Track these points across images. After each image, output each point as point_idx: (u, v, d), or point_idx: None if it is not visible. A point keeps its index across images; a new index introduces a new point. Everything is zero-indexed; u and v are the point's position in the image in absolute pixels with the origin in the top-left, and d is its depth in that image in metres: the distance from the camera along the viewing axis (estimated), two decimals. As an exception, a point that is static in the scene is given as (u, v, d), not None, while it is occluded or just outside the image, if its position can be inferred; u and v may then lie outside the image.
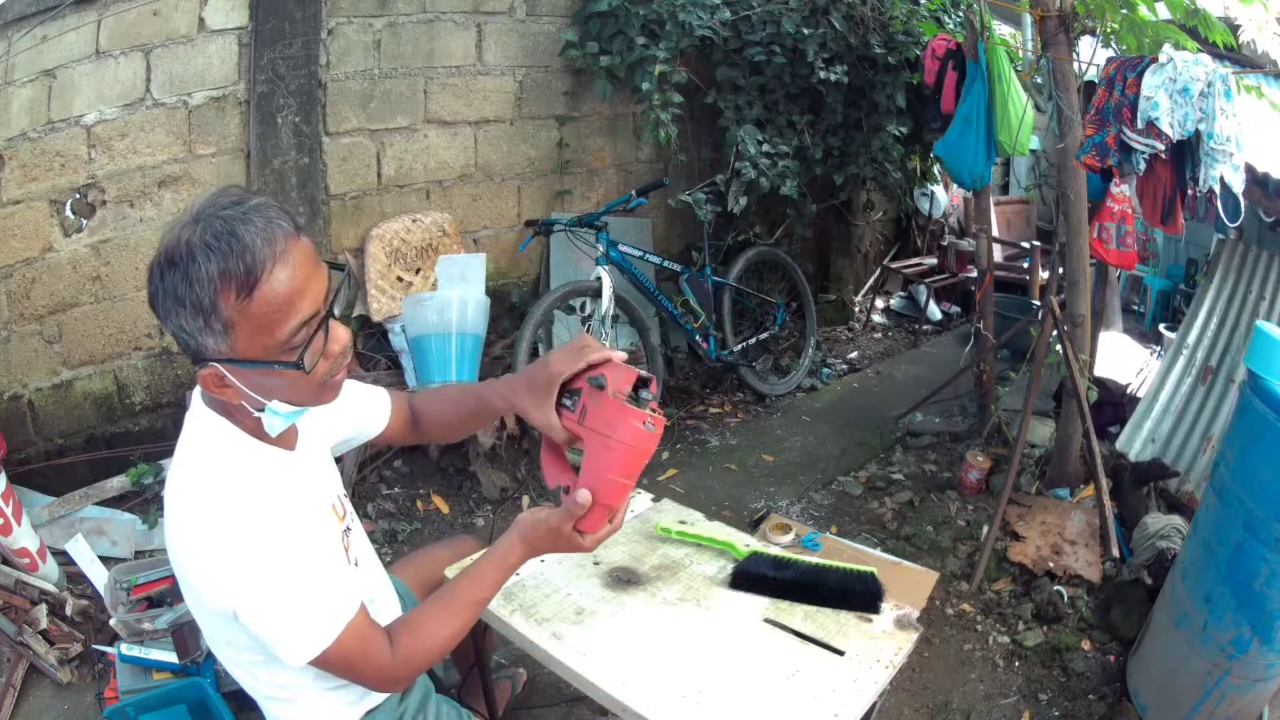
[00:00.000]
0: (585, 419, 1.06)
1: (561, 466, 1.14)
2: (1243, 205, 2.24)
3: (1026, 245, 5.01)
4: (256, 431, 1.05)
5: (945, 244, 5.56)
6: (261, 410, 1.00)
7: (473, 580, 1.13)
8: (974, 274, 3.83)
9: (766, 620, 1.41)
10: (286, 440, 1.11)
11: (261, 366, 0.95)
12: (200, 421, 1.06)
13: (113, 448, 2.84)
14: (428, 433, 1.44)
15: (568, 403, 1.10)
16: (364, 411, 1.36)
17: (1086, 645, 2.38)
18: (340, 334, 1.01)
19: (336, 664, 1.05)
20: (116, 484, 2.72)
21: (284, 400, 1.00)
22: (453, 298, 3.14)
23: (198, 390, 1.06)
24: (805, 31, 3.80)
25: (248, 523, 0.98)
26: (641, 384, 1.06)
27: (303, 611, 1.00)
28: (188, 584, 1.03)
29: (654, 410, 1.04)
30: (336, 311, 1.01)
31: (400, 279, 3.34)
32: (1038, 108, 3.35)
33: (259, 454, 1.06)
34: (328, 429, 1.29)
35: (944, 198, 5.65)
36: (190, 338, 0.93)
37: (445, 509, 2.98)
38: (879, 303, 5.51)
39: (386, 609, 1.33)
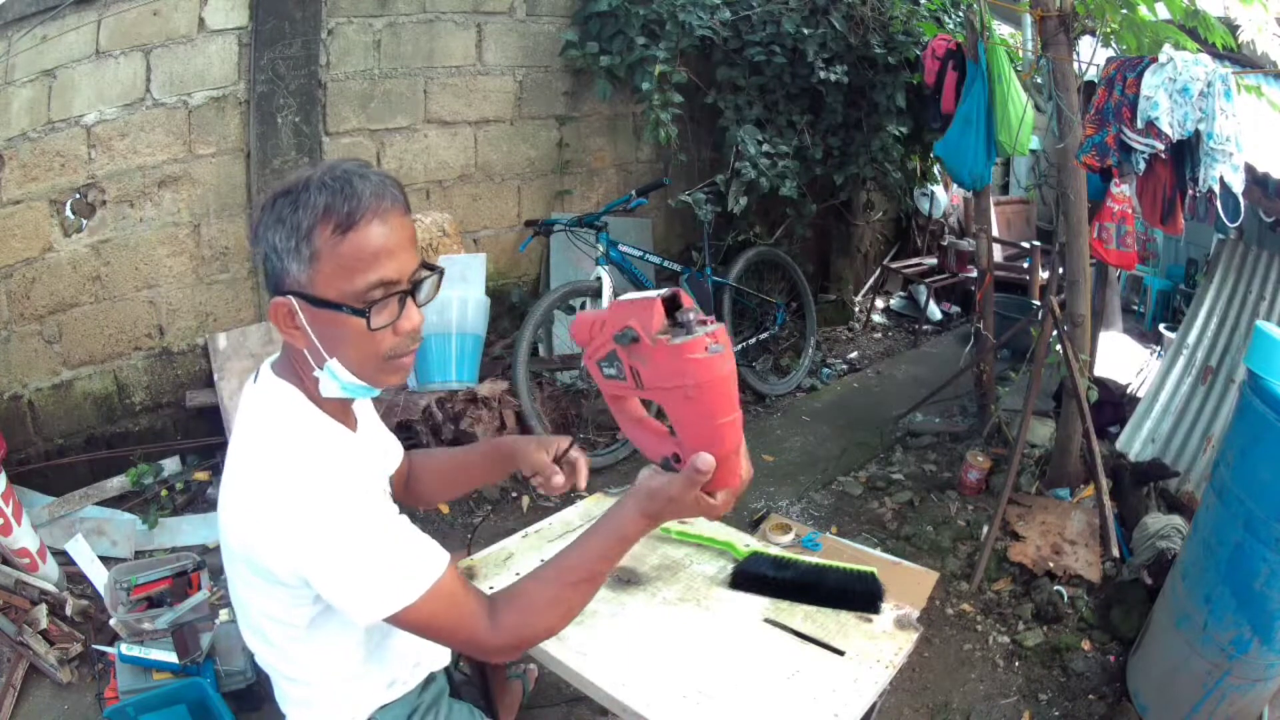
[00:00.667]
0: (643, 381, 0.91)
1: (656, 434, 0.99)
2: (1243, 205, 2.24)
3: (1026, 245, 5.01)
4: (324, 404, 1.07)
5: (945, 244, 5.56)
6: (321, 366, 1.02)
7: (585, 555, 1.05)
8: (974, 274, 3.83)
9: (766, 620, 1.41)
10: (349, 421, 1.12)
11: (331, 308, 0.97)
12: (272, 388, 1.06)
13: (113, 448, 2.84)
14: (416, 490, 1.43)
15: (612, 371, 0.96)
16: (389, 448, 1.36)
17: (1086, 645, 2.38)
18: (414, 315, 1.02)
19: (421, 625, 1.02)
20: (116, 484, 2.72)
21: (345, 363, 1.01)
22: (453, 298, 3.14)
23: (268, 361, 1.09)
24: (805, 31, 3.81)
25: (322, 480, 0.98)
26: (671, 306, 0.90)
27: (381, 566, 0.99)
28: (250, 551, 1.01)
29: (704, 324, 0.87)
30: (419, 297, 1.03)
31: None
32: (1038, 108, 3.35)
33: (328, 425, 1.07)
34: (381, 434, 1.31)
35: (944, 198, 5.65)
36: (278, 258, 0.97)
37: (445, 509, 2.98)
38: (879, 303, 5.51)
39: None
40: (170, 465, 2.88)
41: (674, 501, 0.98)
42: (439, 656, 1.30)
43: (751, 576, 1.50)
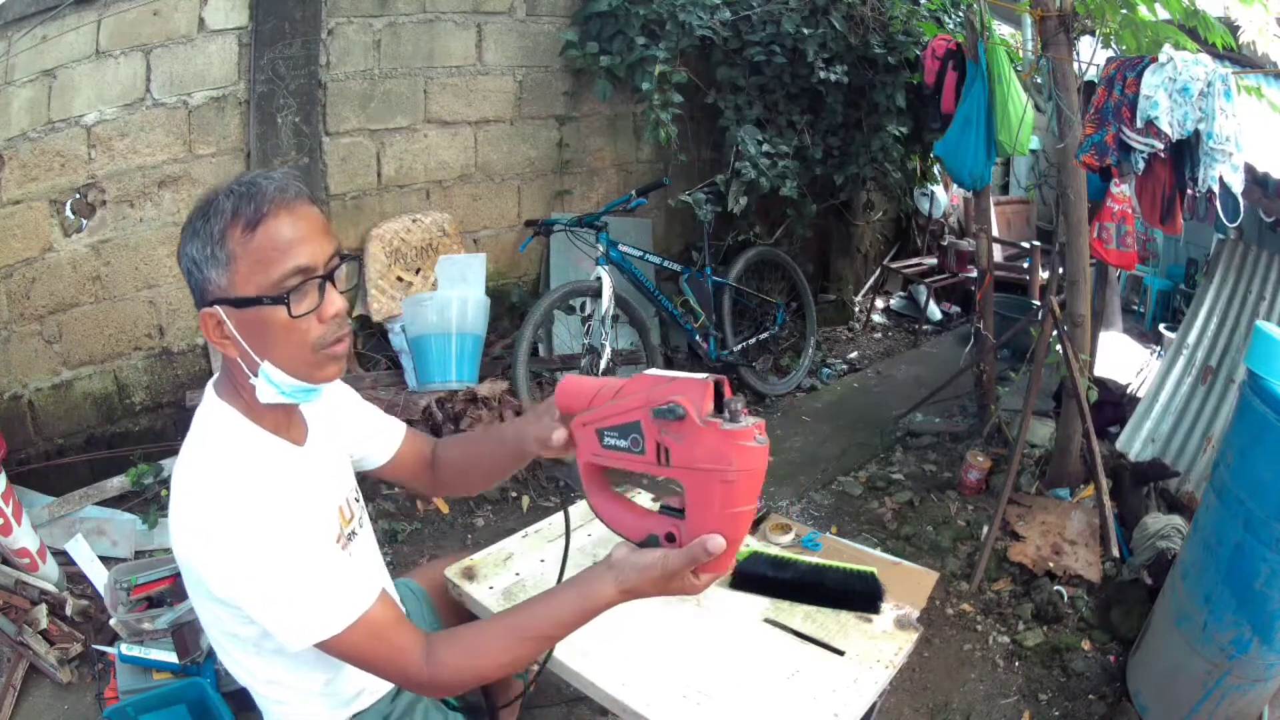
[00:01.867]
0: (671, 459, 0.88)
1: (635, 512, 0.97)
2: (1242, 205, 2.24)
3: (1026, 245, 5.01)
4: (264, 419, 1.08)
5: (945, 244, 5.55)
6: (256, 373, 1.03)
7: (549, 616, 1.02)
8: (974, 274, 3.83)
9: (766, 620, 1.41)
10: (295, 434, 1.13)
11: (252, 305, 0.99)
12: (211, 409, 1.08)
13: (113, 448, 2.84)
14: (442, 481, 1.40)
15: (621, 442, 0.93)
16: (375, 436, 1.36)
17: (1086, 645, 2.38)
18: (336, 299, 1.04)
19: (351, 656, 1.03)
20: (116, 484, 2.72)
21: (278, 363, 1.02)
22: (453, 298, 3.14)
23: (211, 382, 1.11)
24: (805, 31, 3.81)
25: (252, 505, 0.99)
26: (717, 395, 0.88)
27: (306, 596, 1.00)
28: (190, 570, 1.03)
29: (747, 414, 0.87)
30: (337, 282, 1.05)
31: (400, 279, 3.34)
32: (1038, 108, 3.35)
33: (266, 443, 1.08)
34: (344, 435, 1.29)
35: (944, 198, 5.65)
36: (198, 269, 1.00)
37: (445, 509, 2.98)
38: (879, 303, 5.51)
39: None
40: (170, 465, 2.88)
41: (663, 579, 0.94)
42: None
43: (751, 576, 1.50)
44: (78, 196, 2.64)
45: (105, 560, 2.48)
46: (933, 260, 5.55)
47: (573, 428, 1.00)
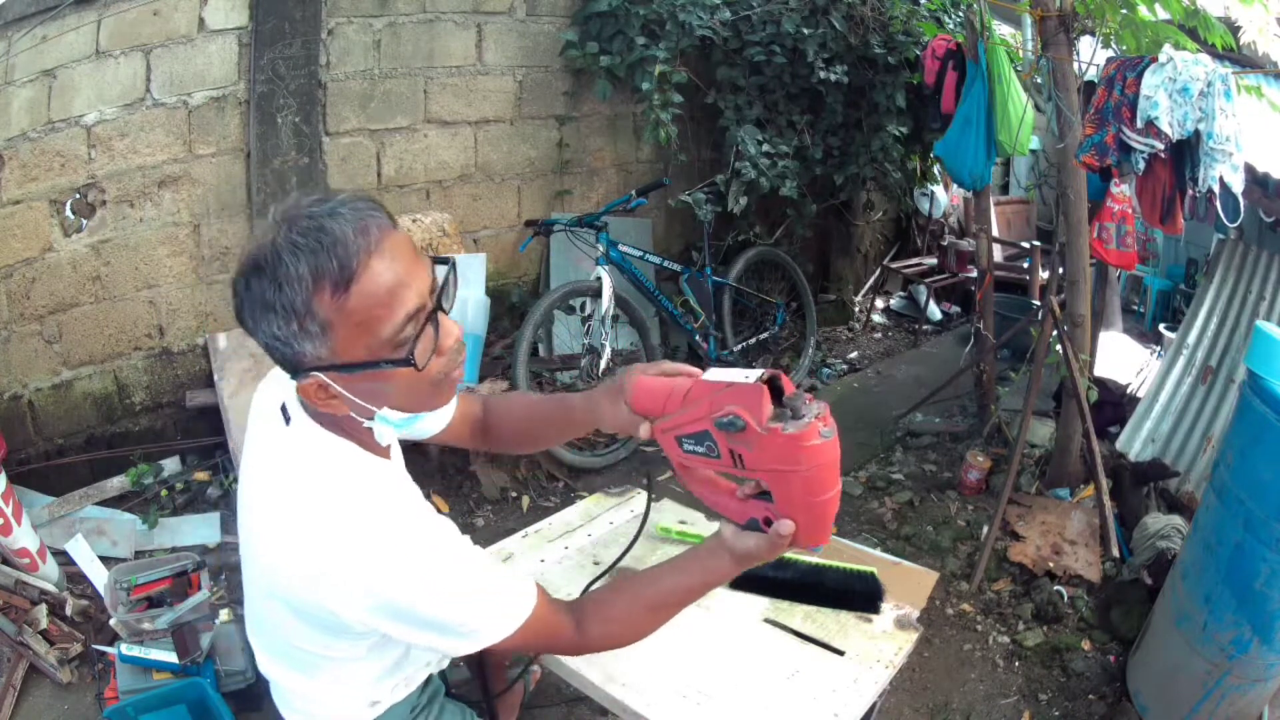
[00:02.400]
0: (745, 463, 0.90)
1: (736, 498, 0.98)
2: (1242, 205, 2.24)
3: (1026, 245, 5.01)
4: (366, 443, 0.99)
5: (945, 244, 5.55)
6: (370, 419, 0.95)
7: (679, 587, 1.06)
8: (974, 274, 3.83)
9: (766, 620, 1.41)
10: (384, 450, 1.04)
11: (368, 369, 0.87)
12: (312, 440, 0.97)
13: (113, 448, 2.84)
14: (497, 438, 1.34)
15: (699, 449, 0.94)
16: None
17: (1086, 645, 2.38)
18: (451, 328, 0.94)
19: (514, 647, 1.03)
20: (116, 484, 2.72)
21: (396, 406, 0.94)
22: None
23: (294, 403, 0.98)
24: (805, 31, 3.81)
25: (411, 537, 0.94)
26: (774, 390, 0.88)
27: (493, 593, 0.98)
28: (309, 602, 0.94)
29: (810, 403, 0.86)
30: (445, 306, 0.94)
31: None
32: (1038, 108, 3.35)
33: (372, 463, 0.99)
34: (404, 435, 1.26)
35: (944, 198, 5.65)
36: (285, 346, 0.86)
37: (445, 509, 2.98)
38: (879, 303, 5.51)
39: None
40: (170, 465, 2.88)
41: (763, 558, 0.99)
42: (442, 659, 1.30)
43: (751, 576, 1.49)
44: (78, 196, 2.64)
45: (105, 560, 2.48)
46: (933, 260, 5.55)
47: (655, 433, 1.01)
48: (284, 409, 0.99)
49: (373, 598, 0.91)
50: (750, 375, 0.89)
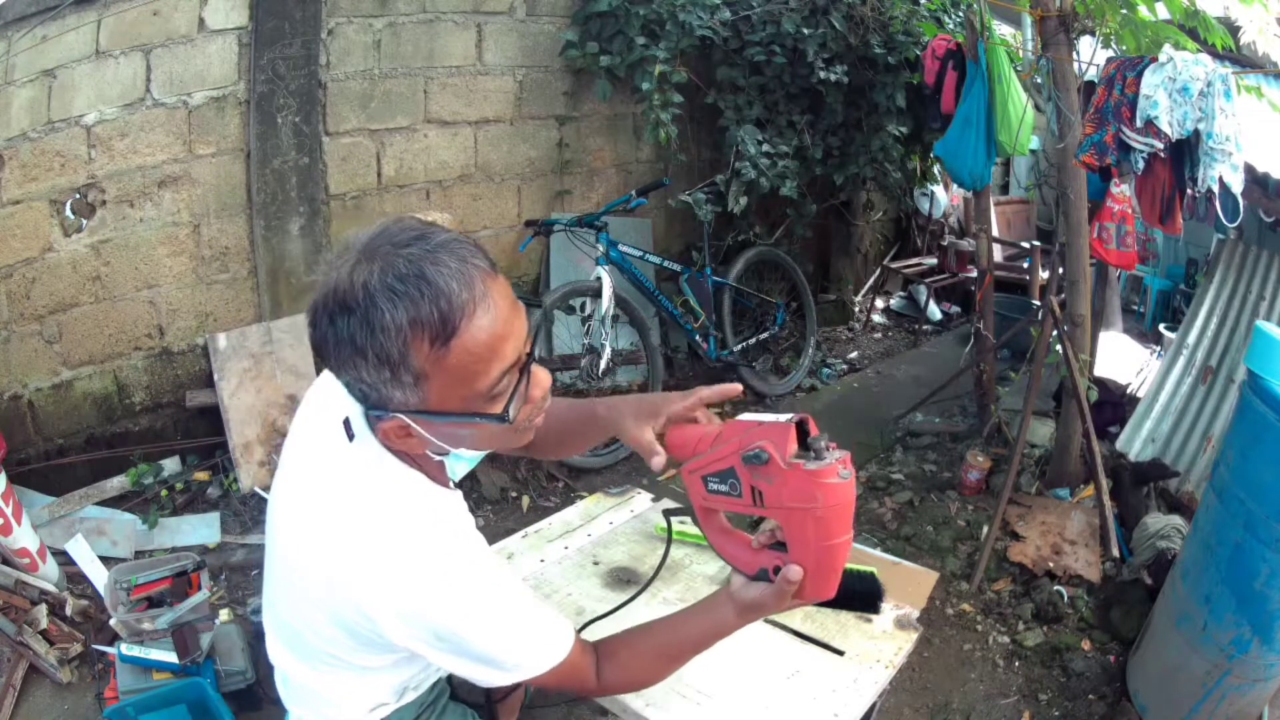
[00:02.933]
0: (764, 500, 0.92)
1: (748, 548, 1.00)
2: (1242, 205, 2.24)
3: (1026, 245, 5.01)
4: (432, 474, 0.99)
5: (945, 244, 5.56)
6: (445, 455, 0.94)
7: (688, 639, 1.08)
8: (974, 274, 3.83)
9: (766, 620, 1.41)
10: (445, 479, 1.04)
11: (460, 419, 0.86)
12: (375, 462, 0.95)
13: (113, 448, 2.84)
14: (539, 447, 1.30)
15: (722, 487, 0.97)
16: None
17: (1086, 645, 2.38)
18: (541, 378, 0.92)
19: (545, 682, 1.03)
20: (116, 484, 2.72)
21: (473, 447, 0.95)
22: (453, 298, 3.14)
23: (360, 420, 0.95)
24: (805, 31, 3.81)
25: (469, 559, 0.95)
26: (801, 432, 0.91)
27: (534, 626, 0.99)
28: (359, 618, 0.92)
29: (833, 449, 0.89)
30: (537, 353, 0.92)
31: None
32: (1038, 108, 3.35)
33: (438, 494, 0.98)
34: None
35: (944, 198, 5.65)
36: (372, 390, 0.84)
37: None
38: (879, 303, 5.51)
39: None
40: (170, 465, 2.88)
41: (768, 609, 1.00)
42: None
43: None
44: (78, 196, 2.64)
45: (105, 560, 2.48)
46: (933, 260, 5.55)
47: (683, 474, 1.02)
48: (347, 424, 0.95)
49: (427, 627, 0.91)
50: (781, 418, 0.92)
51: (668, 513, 1.17)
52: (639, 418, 1.07)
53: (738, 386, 1.02)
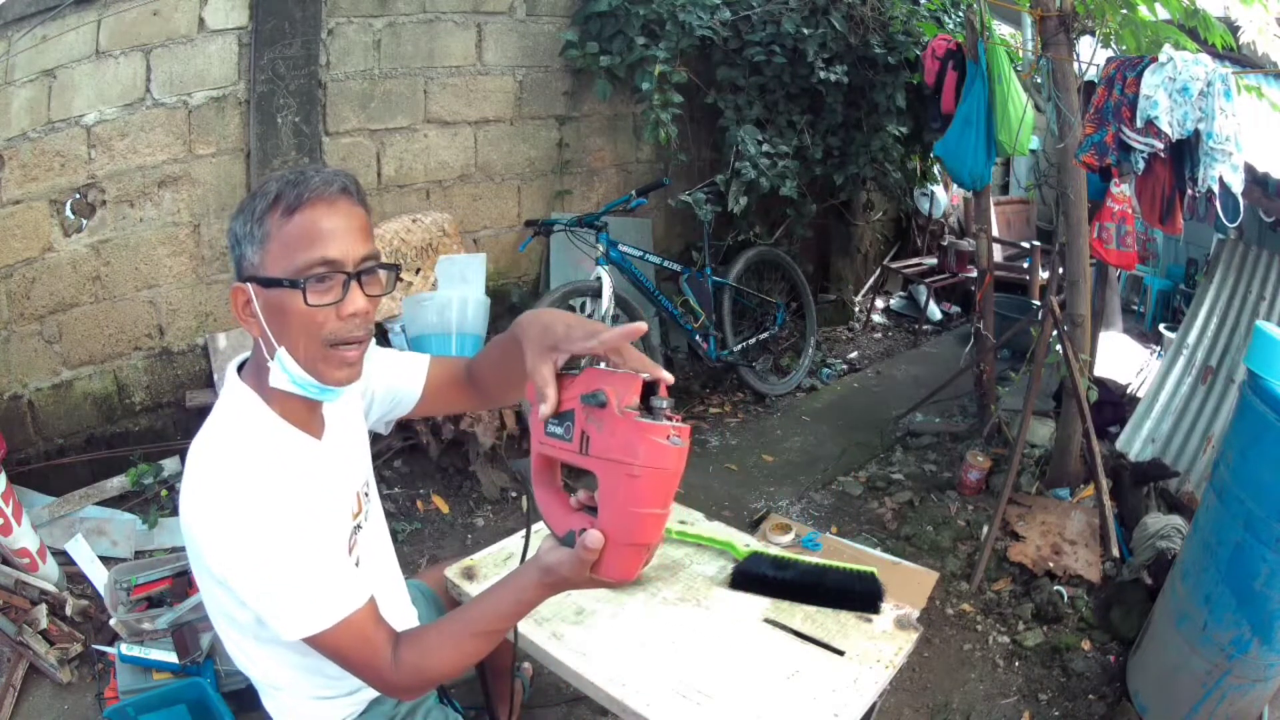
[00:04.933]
0: (590, 448, 0.89)
1: (565, 508, 0.96)
2: (1242, 205, 2.24)
3: (1026, 245, 5.01)
4: (284, 408, 1.09)
5: (945, 244, 5.55)
6: (273, 357, 1.05)
7: (490, 611, 1.06)
8: (974, 274, 3.83)
9: (766, 620, 1.41)
10: (312, 427, 1.14)
11: (275, 286, 1.01)
12: (235, 392, 1.10)
13: (113, 448, 2.84)
14: (483, 386, 1.32)
15: (558, 430, 0.93)
16: (400, 376, 1.32)
17: (1086, 645, 2.38)
18: (357, 299, 1.04)
19: (330, 652, 1.05)
20: (116, 484, 2.72)
21: (293, 355, 1.04)
22: (453, 298, 3.14)
23: (234, 364, 1.14)
24: (805, 31, 3.81)
25: (261, 493, 1.00)
26: (648, 390, 0.87)
27: (299, 590, 1.01)
28: (193, 544, 1.04)
29: (672, 419, 0.85)
30: (370, 290, 1.06)
31: (400, 279, 3.34)
32: (1038, 108, 3.35)
33: (283, 433, 1.09)
34: (364, 408, 1.29)
35: (944, 198, 5.65)
36: (239, 245, 1.04)
37: (445, 509, 2.98)
38: (879, 303, 5.51)
39: (393, 612, 1.33)
40: (170, 465, 2.87)
41: (568, 580, 0.95)
42: None
43: (751, 576, 1.50)
44: (78, 196, 2.64)
45: (105, 560, 2.48)
46: (933, 260, 5.55)
47: (530, 419, 0.98)
48: (225, 374, 1.15)
49: (222, 543, 1.00)
50: (632, 373, 0.88)
51: (529, 511, 1.06)
52: (540, 349, 1.00)
53: (643, 326, 0.96)
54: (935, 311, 5.31)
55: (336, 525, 1.14)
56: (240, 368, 1.13)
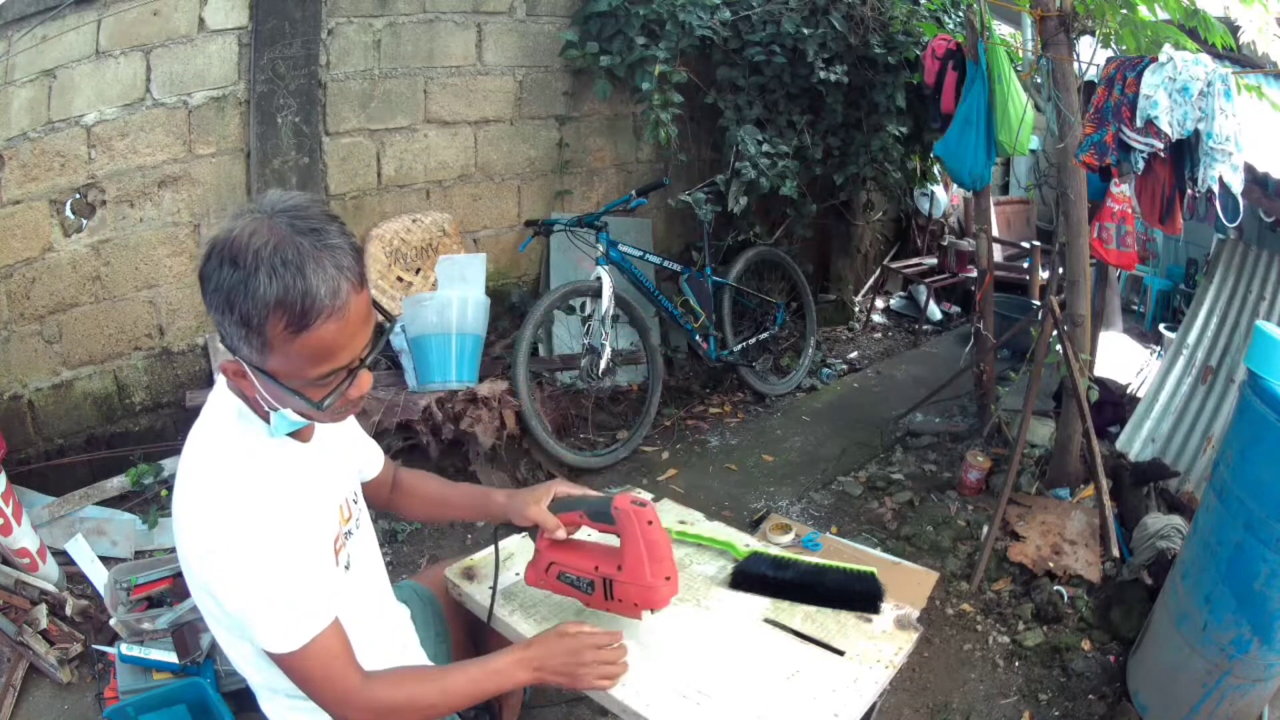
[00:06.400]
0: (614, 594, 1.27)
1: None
2: (1242, 205, 2.24)
3: (1026, 245, 5.01)
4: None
5: (945, 244, 5.56)
6: (273, 410, 1.03)
7: (470, 688, 1.15)
8: (974, 274, 3.83)
9: (766, 620, 1.41)
10: (302, 433, 1.13)
11: (284, 390, 0.98)
12: (223, 398, 1.08)
13: (113, 448, 2.84)
14: (402, 502, 1.48)
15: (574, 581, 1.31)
16: (366, 449, 1.41)
17: (1086, 645, 2.37)
18: (364, 382, 1.04)
19: (299, 676, 1.05)
20: (116, 484, 2.72)
21: (295, 412, 1.03)
22: (453, 298, 3.14)
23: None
24: (805, 31, 3.81)
25: (244, 502, 1.00)
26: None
27: (277, 602, 1.01)
28: (180, 548, 1.04)
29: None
30: (370, 360, 1.04)
31: (400, 279, 3.34)
32: (1038, 108, 3.35)
33: (271, 441, 1.08)
34: (351, 437, 1.32)
35: (944, 198, 5.65)
36: (228, 337, 0.96)
37: (445, 509, 2.98)
38: (879, 303, 5.51)
39: (380, 616, 1.33)
40: (170, 465, 2.87)
41: (547, 656, 1.19)
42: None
43: (751, 576, 1.50)
44: (78, 196, 2.64)
45: (105, 560, 2.48)
46: (933, 260, 5.55)
47: (540, 542, 1.33)
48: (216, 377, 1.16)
49: (200, 548, 1.00)
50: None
51: (496, 531, 1.38)
52: (534, 498, 1.31)
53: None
54: (935, 311, 5.31)
55: (323, 531, 1.14)
56: None
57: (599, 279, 3.25)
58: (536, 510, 1.29)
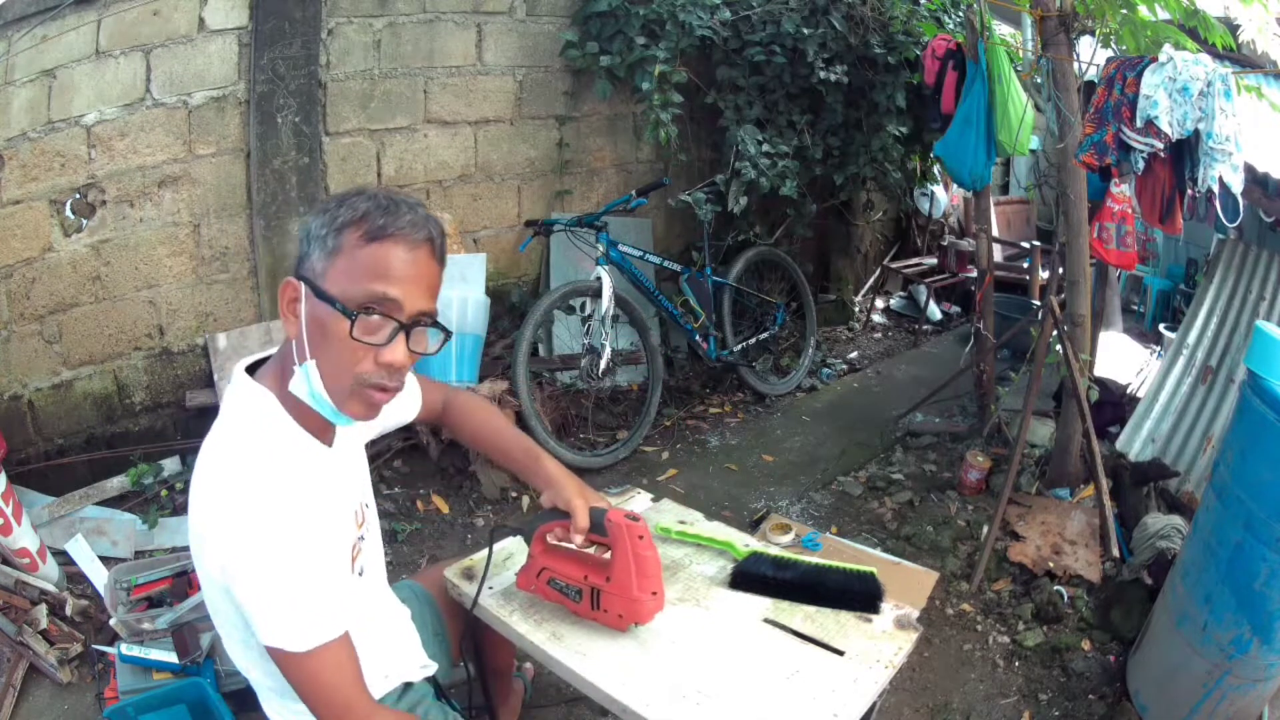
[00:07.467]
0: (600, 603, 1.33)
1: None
2: (1242, 205, 2.24)
3: (1026, 245, 5.01)
4: (299, 412, 1.08)
5: (945, 244, 5.56)
6: (301, 363, 1.03)
7: None
8: (974, 274, 3.83)
9: (766, 620, 1.41)
10: (324, 434, 1.13)
11: (327, 302, 0.99)
12: (248, 391, 1.08)
13: (113, 448, 2.84)
14: (452, 424, 1.50)
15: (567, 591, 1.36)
16: (399, 406, 1.36)
17: (1086, 645, 2.37)
18: (399, 351, 1.02)
19: (303, 681, 1.03)
20: (116, 484, 2.72)
21: (321, 369, 1.02)
22: (453, 298, 3.14)
23: (239, 366, 1.12)
24: (805, 31, 3.81)
25: (269, 496, 0.99)
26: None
27: (295, 599, 1.00)
28: (198, 541, 1.03)
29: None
30: (416, 349, 1.06)
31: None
32: (1038, 108, 3.35)
33: (297, 437, 1.08)
34: (366, 428, 1.30)
35: (944, 198, 5.65)
36: (308, 242, 1.03)
37: (445, 509, 2.98)
38: (879, 303, 5.51)
39: (388, 619, 1.33)
40: (170, 465, 2.88)
41: None
42: (409, 668, 1.32)
43: (751, 576, 1.50)
44: (78, 196, 2.64)
45: (105, 560, 2.48)
46: (933, 260, 5.55)
47: (535, 546, 1.36)
48: (231, 375, 1.13)
49: (219, 541, 0.99)
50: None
51: (493, 533, 1.40)
52: (584, 495, 1.31)
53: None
54: (935, 311, 5.31)
55: (342, 537, 1.14)
56: (250, 369, 1.11)
57: (599, 279, 3.25)
58: (580, 502, 1.28)
